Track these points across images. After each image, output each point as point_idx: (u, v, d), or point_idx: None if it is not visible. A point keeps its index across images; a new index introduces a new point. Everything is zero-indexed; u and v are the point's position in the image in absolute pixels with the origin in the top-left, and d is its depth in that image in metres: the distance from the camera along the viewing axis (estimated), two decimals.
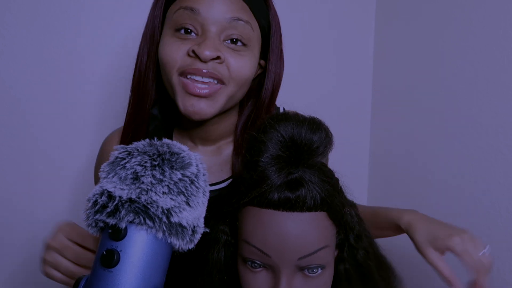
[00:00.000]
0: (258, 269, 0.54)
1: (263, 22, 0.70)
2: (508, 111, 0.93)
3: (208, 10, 0.64)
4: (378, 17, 1.34)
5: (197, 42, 0.65)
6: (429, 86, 1.15)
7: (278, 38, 0.73)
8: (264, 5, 0.71)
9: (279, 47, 0.73)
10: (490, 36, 0.97)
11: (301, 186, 0.52)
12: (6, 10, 1.02)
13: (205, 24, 0.65)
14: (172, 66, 0.66)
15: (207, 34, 0.65)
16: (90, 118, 1.11)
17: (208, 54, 0.63)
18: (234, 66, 0.66)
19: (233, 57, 0.66)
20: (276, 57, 0.73)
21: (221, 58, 0.65)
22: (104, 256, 0.41)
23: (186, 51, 0.65)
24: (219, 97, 0.67)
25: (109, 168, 0.44)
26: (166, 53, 0.66)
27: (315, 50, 1.30)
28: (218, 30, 0.65)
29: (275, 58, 0.73)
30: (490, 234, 0.98)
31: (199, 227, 0.45)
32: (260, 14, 0.69)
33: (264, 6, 0.71)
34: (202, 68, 0.64)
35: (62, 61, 1.07)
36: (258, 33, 0.69)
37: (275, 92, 0.74)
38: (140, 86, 0.72)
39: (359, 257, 0.59)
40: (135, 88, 0.73)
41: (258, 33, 0.69)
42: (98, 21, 1.09)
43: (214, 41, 0.64)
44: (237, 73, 0.66)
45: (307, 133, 0.54)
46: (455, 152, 1.07)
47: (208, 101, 0.66)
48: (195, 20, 0.65)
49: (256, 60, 0.70)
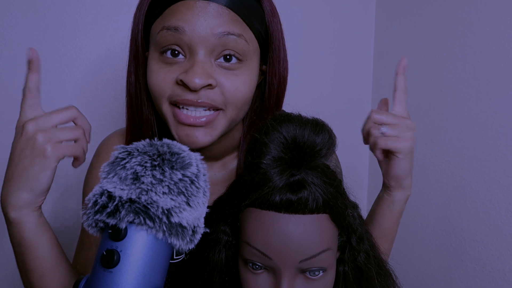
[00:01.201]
0: (259, 271, 0.54)
1: (259, 28, 0.63)
2: (508, 111, 0.93)
3: (194, 28, 0.57)
4: (378, 17, 1.34)
5: (185, 67, 0.59)
6: (429, 86, 1.15)
7: (278, 41, 0.66)
8: (259, 8, 0.64)
9: (279, 51, 0.67)
10: (490, 36, 0.97)
11: (303, 188, 0.52)
12: (6, 10, 1.02)
13: (192, 44, 0.58)
14: (161, 96, 0.61)
15: (195, 58, 0.58)
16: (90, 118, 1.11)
17: (198, 82, 0.57)
18: (229, 90, 0.60)
19: (227, 79, 0.60)
20: (277, 62, 0.67)
21: (213, 84, 0.59)
22: (104, 256, 0.41)
23: (175, 79, 0.59)
24: (217, 125, 0.62)
25: (109, 168, 0.44)
26: (154, 83, 0.61)
27: (315, 50, 1.30)
28: (208, 50, 0.59)
29: (276, 63, 0.67)
30: (490, 234, 0.98)
31: (200, 227, 0.45)
32: (254, 21, 0.62)
33: (259, 9, 0.64)
34: (194, 98, 0.59)
35: (62, 61, 1.07)
36: (254, 42, 0.63)
37: (280, 98, 0.69)
38: (134, 111, 0.67)
39: (360, 260, 0.58)
40: (130, 114, 0.68)
41: (254, 42, 0.63)
42: (98, 21, 1.09)
43: (204, 66, 0.58)
44: (233, 97, 0.61)
45: (310, 135, 0.53)
46: (455, 152, 1.07)
47: (205, 129, 0.61)
48: (180, 41, 0.58)
49: (255, 73, 0.65)
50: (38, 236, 0.59)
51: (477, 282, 1.01)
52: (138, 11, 0.64)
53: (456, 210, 1.07)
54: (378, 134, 0.63)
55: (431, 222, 1.14)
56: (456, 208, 1.07)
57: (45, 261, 0.60)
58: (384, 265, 0.62)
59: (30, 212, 0.57)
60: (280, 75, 0.68)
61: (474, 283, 1.02)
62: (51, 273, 0.61)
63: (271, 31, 0.65)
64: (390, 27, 1.29)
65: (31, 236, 0.58)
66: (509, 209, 0.94)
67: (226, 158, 0.74)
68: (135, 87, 0.66)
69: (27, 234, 0.58)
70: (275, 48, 0.66)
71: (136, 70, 0.65)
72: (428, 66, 1.15)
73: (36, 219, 0.58)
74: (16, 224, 0.57)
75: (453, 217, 1.08)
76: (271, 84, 0.67)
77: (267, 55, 0.67)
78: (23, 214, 0.57)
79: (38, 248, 0.59)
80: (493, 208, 0.98)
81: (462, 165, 1.05)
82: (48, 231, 0.60)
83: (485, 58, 0.98)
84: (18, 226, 0.57)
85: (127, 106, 0.68)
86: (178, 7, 0.59)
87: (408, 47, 1.23)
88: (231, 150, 0.73)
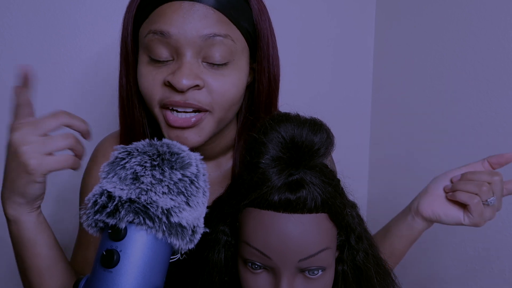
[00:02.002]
0: (258, 270, 0.54)
1: (247, 27, 0.63)
2: (508, 111, 0.93)
3: (180, 31, 0.57)
4: (378, 17, 1.34)
5: (173, 69, 0.59)
6: (429, 86, 1.15)
7: (266, 39, 0.66)
8: (247, 7, 0.63)
9: (268, 49, 0.66)
10: (490, 36, 0.97)
11: (302, 187, 0.52)
12: (6, 10, 1.02)
13: (179, 47, 0.58)
14: (152, 99, 0.61)
15: (183, 60, 0.58)
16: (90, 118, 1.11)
17: (185, 83, 0.57)
18: (217, 90, 0.60)
19: (215, 79, 0.60)
20: (265, 61, 0.66)
21: (200, 85, 0.59)
22: (104, 256, 0.41)
23: (163, 81, 0.60)
24: (205, 126, 0.62)
25: (109, 168, 0.44)
26: (144, 86, 0.62)
27: (314, 50, 1.30)
28: (195, 52, 0.59)
29: (265, 61, 0.66)
30: (490, 234, 0.98)
31: (199, 227, 0.45)
32: (241, 20, 0.62)
33: (247, 8, 0.63)
34: (181, 99, 0.59)
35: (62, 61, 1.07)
36: (242, 41, 0.63)
37: (273, 96, 0.69)
38: (126, 113, 0.68)
39: (359, 259, 0.58)
40: (122, 117, 0.68)
41: (242, 41, 0.63)
42: (98, 21, 1.09)
43: (191, 67, 0.58)
44: (221, 98, 0.61)
45: (308, 134, 0.53)
46: (455, 152, 1.07)
47: (194, 130, 0.61)
48: (167, 45, 0.59)
49: (244, 73, 0.64)
50: (37, 234, 0.59)
51: (477, 282, 1.01)
52: (127, 14, 0.65)
53: None
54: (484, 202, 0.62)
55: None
56: None
57: (43, 259, 0.60)
58: (383, 264, 0.62)
59: (27, 212, 0.57)
60: (270, 73, 0.67)
61: (474, 283, 1.02)
62: (49, 272, 0.61)
63: (259, 29, 0.65)
64: (390, 27, 1.29)
65: (29, 234, 0.58)
66: (509, 209, 0.94)
67: (220, 158, 0.74)
68: (126, 89, 0.67)
69: (25, 232, 0.58)
70: (263, 46, 0.66)
71: (126, 72, 0.66)
72: (428, 66, 1.15)
73: (34, 218, 0.58)
74: (14, 222, 0.57)
75: None
76: (260, 82, 0.67)
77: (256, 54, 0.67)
78: (21, 213, 0.57)
79: (36, 246, 0.59)
80: None
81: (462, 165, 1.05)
82: (46, 229, 0.61)
83: (485, 58, 0.98)
84: (16, 224, 0.58)
85: (120, 108, 0.69)
86: (164, 9, 0.59)
87: (408, 47, 1.23)
88: (226, 150, 0.73)
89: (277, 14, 0.72)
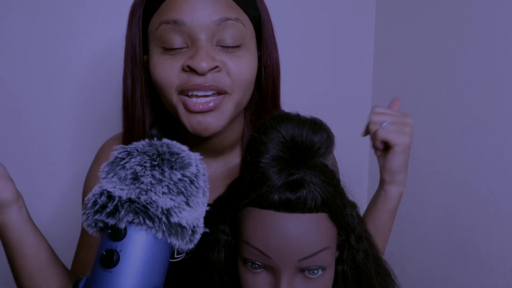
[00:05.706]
0: (258, 270, 0.54)
1: (253, 13, 0.65)
2: (508, 111, 0.93)
3: (192, 18, 0.59)
4: (378, 17, 1.34)
5: (190, 55, 0.60)
6: (429, 86, 1.15)
7: (269, 26, 0.68)
8: None
9: (271, 34, 0.69)
10: (490, 36, 0.97)
11: (302, 187, 0.52)
12: (6, 10, 1.02)
13: (193, 34, 0.60)
14: (169, 87, 0.62)
15: (198, 44, 0.60)
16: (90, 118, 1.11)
17: (205, 66, 0.58)
18: (235, 71, 0.62)
19: (232, 60, 0.61)
20: (270, 46, 0.68)
21: (219, 66, 0.60)
22: (103, 256, 0.41)
23: (181, 67, 0.61)
24: (225, 108, 0.63)
25: (108, 168, 0.44)
26: (160, 75, 0.62)
27: (315, 50, 1.30)
28: (209, 36, 0.60)
29: (270, 47, 0.68)
30: (490, 234, 0.98)
31: (199, 227, 0.45)
32: (248, 5, 0.64)
33: None
34: (202, 82, 0.60)
35: (62, 61, 1.07)
36: (250, 26, 0.65)
37: (276, 84, 0.71)
38: (129, 112, 0.68)
39: (359, 259, 0.58)
40: (124, 115, 0.69)
41: (250, 26, 0.65)
42: (98, 21, 1.09)
43: (208, 50, 0.60)
44: (239, 78, 0.62)
45: (308, 134, 0.53)
46: (455, 152, 1.07)
47: (214, 113, 0.62)
48: (181, 33, 0.60)
49: (255, 56, 0.66)
50: (23, 235, 0.60)
51: (477, 282, 1.01)
52: (131, 17, 0.66)
53: (456, 210, 1.07)
54: (379, 126, 0.69)
55: (431, 222, 1.14)
56: (456, 208, 1.07)
57: (32, 261, 0.61)
58: (383, 264, 0.62)
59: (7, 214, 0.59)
60: (274, 58, 0.70)
61: (474, 283, 1.02)
62: (39, 273, 0.61)
63: (262, 15, 0.67)
64: (390, 27, 1.29)
65: (15, 235, 0.59)
66: (509, 209, 0.94)
67: (227, 154, 0.74)
68: (131, 89, 0.67)
69: (10, 233, 0.59)
70: (267, 30, 0.68)
71: (132, 72, 0.66)
72: (428, 66, 1.15)
73: (18, 219, 0.59)
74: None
75: (452, 217, 1.08)
76: (266, 66, 0.69)
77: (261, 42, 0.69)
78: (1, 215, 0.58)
79: (23, 248, 0.60)
80: (493, 208, 0.98)
81: (462, 165, 1.05)
82: (33, 231, 0.61)
83: (485, 58, 0.98)
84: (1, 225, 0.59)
85: (123, 109, 0.69)
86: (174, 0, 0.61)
87: (408, 47, 1.23)
88: (233, 145, 0.73)
89: (277, 14, 0.73)
